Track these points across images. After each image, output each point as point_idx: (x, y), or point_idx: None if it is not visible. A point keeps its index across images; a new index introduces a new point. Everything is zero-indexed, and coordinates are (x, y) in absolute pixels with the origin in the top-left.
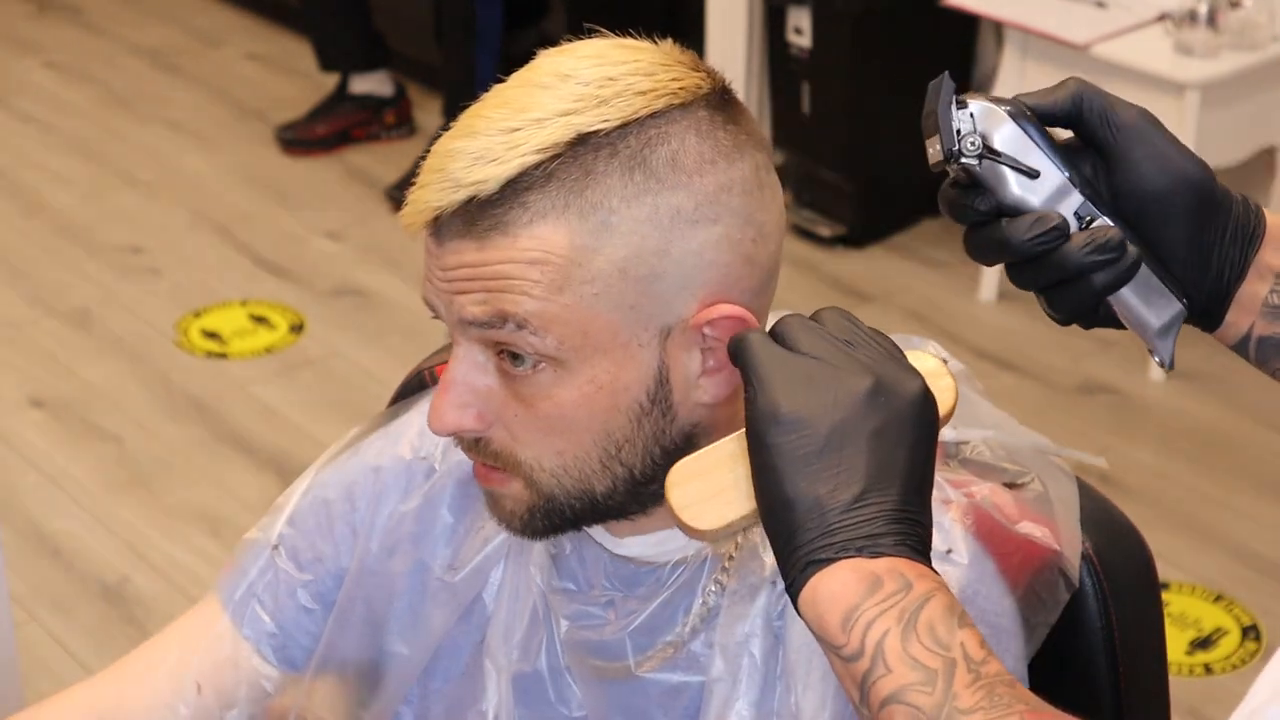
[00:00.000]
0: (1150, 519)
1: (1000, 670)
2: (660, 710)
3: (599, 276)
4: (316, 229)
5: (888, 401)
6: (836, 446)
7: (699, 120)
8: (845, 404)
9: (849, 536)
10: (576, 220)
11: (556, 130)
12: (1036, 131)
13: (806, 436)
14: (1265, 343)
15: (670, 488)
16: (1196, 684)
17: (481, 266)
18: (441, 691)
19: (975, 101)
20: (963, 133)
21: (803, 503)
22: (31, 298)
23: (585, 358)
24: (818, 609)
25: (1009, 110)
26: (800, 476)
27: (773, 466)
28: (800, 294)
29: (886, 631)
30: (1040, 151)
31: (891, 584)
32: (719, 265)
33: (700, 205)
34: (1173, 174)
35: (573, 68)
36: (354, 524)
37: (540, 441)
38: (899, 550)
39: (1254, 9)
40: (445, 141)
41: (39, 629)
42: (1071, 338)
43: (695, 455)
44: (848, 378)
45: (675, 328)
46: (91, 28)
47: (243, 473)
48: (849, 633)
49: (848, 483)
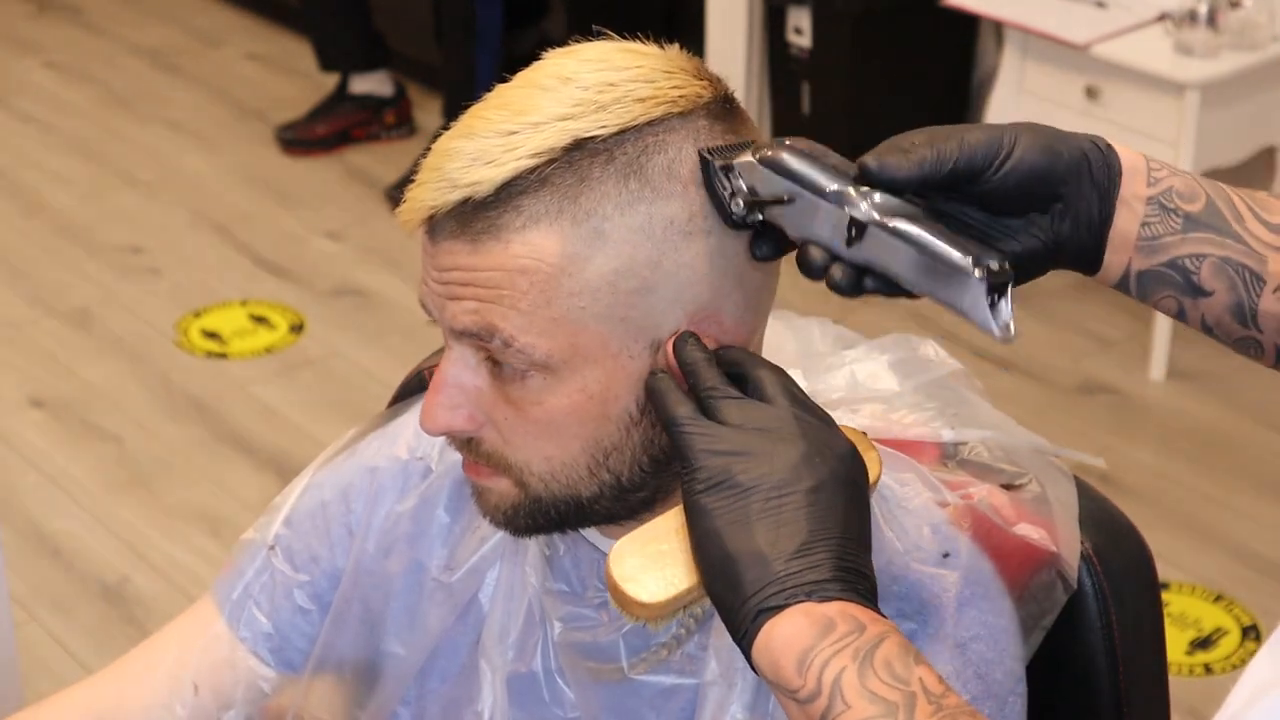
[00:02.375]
0: (1150, 519)
1: (961, 703)
2: (653, 712)
3: (588, 289)
4: (316, 229)
5: (822, 462)
6: (775, 506)
7: (698, 129)
8: (781, 468)
9: (797, 583)
10: (569, 226)
11: (553, 135)
12: (795, 161)
13: (744, 499)
14: (1144, 276)
15: (611, 563)
16: (1196, 684)
17: (474, 271)
18: (438, 691)
19: (739, 160)
20: (733, 194)
21: (746, 557)
22: (31, 298)
23: (575, 368)
24: (772, 655)
25: (761, 158)
26: (740, 533)
27: (713, 530)
28: (800, 294)
29: (843, 669)
30: (798, 180)
31: (844, 625)
32: (711, 279)
33: (694, 217)
34: (1022, 174)
35: (574, 71)
36: (350, 524)
37: (529, 445)
38: (847, 596)
39: (1254, 9)
40: (445, 141)
41: (39, 629)
42: (1071, 337)
43: (635, 532)
44: (780, 447)
45: (666, 342)
46: (91, 28)
47: (242, 473)
48: (805, 674)
49: (790, 535)
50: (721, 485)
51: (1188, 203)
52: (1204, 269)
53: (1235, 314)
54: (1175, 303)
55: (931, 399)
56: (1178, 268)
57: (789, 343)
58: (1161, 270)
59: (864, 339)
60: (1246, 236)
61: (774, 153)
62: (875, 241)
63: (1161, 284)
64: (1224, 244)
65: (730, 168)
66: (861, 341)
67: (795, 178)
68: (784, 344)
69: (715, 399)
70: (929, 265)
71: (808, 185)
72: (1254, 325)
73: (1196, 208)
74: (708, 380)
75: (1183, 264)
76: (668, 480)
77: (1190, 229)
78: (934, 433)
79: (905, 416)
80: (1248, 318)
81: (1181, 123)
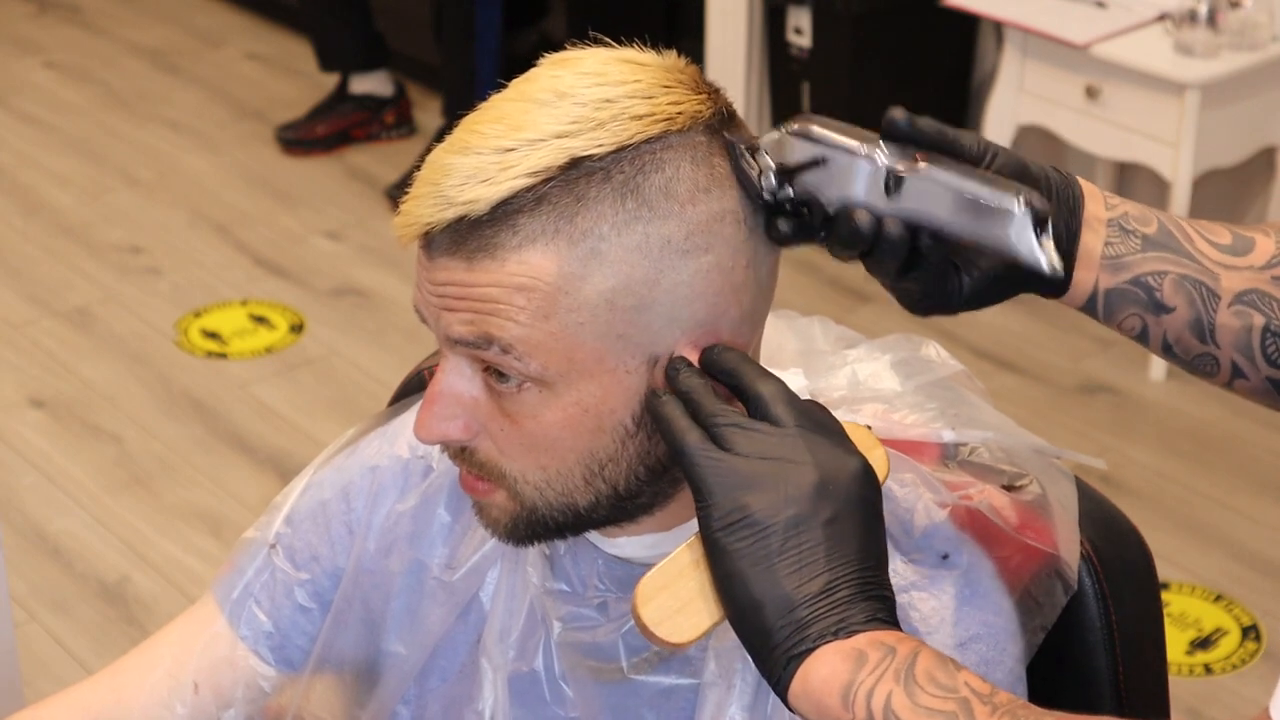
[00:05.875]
0: (1150, 519)
1: (1009, 697)
2: (652, 712)
3: (585, 305)
4: (316, 229)
5: (834, 489)
6: (795, 543)
7: (695, 146)
8: (796, 500)
9: (823, 626)
10: (566, 247)
11: (550, 153)
12: (821, 128)
13: (764, 538)
14: (1111, 294)
15: (639, 605)
16: (1196, 684)
17: (469, 287)
18: (438, 691)
19: (765, 138)
20: (761, 172)
21: (771, 602)
22: (31, 298)
23: (571, 381)
24: (813, 697)
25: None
26: (763, 577)
27: (736, 572)
28: (801, 294)
29: (890, 693)
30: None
31: (876, 653)
32: (708, 296)
33: (692, 234)
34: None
35: (571, 85)
36: (351, 523)
37: (524, 456)
38: (871, 625)
39: (1254, 9)
40: (440, 155)
41: (39, 629)
42: (1071, 337)
43: (657, 569)
44: (793, 474)
45: (663, 357)
46: (91, 28)
47: (242, 472)
48: (852, 707)
49: (811, 575)
50: (739, 524)
51: (1143, 225)
52: (1165, 285)
53: (1195, 330)
54: (1139, 320)
55: (932, 399)
56: (1142, 285)
57: (790, 342)
58: (1127, 288)
59: (865, 339)
60: (1198, 255)
61: (802, 123)
62: (914, 190)
63: (1127, 302)
64: (1180, 262)
65: (756, 148)
66: (863, 341)
67: (826, 141)
68: (785, 343)
69: (721, 426)
70: (971, 205)
71: (839, 147)
72: (1212, 340)
73: (1151, 230)
74: (709, 407)
75: (1146, 281)
76: (666, 486)
77: (1149, 248)
78: (935, 433)
79: (906, 417)
80: (1206, 333)
81: (1181, 123)
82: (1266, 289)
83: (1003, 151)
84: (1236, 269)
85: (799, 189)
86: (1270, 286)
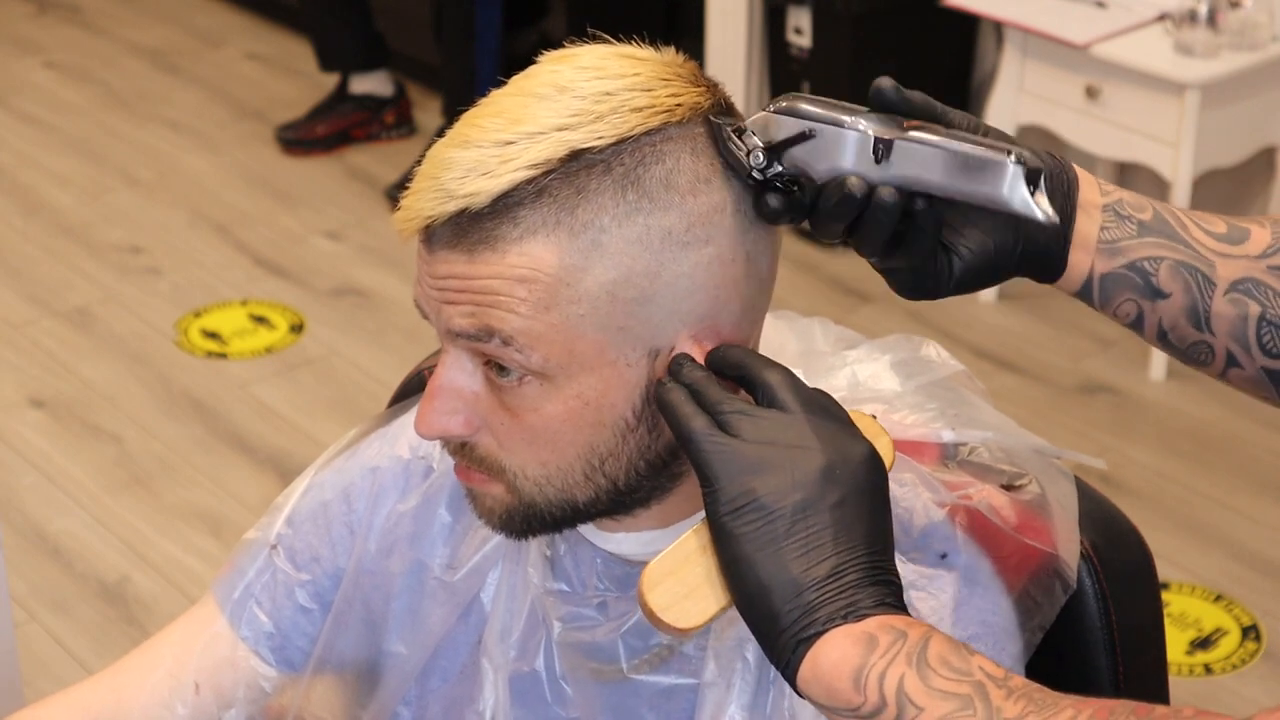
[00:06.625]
0: (1150, 519)
1: (1024, 681)
2: (652, 712)
3: (586, 297)
4: (316, 229)
5: (842, 474)
6: (802, 527)
7: (695, 138)
8: (803, 484)
9: (831, 610)
10: (567, 238)
11: (550, 146)
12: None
13: (770, 522)
14: (1107, 279)
15: (645, 591)
16: (1196, 684)
17: (470, 280)
18: (439, 691)
19: (752, 119)
20: (748, 151)
21: (779, 586)
22: (31, 298)
23: (571, 374)
24: (823, 680)
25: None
26: (771, 561)
27: (743, 557)
28: (801, 294)
29: (902, 675)
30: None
31: (886, 637)
32: (709, 288)
33: (692, 226)
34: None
35: (570, 79)
36: (351, 524)
37: (524, 451)
38: (880, 610)
39: (1254, 9)
40: (440, 149)
41: (39, 629)
42: (1071, 337)
43: (663, 555)
44: (800, 458)
45: (664, 350)
46: (91, 28)
47: (242, 472)
48: (864, 690)
49: (819, 559)
50: (746, 508)
51: (1139, 211)
52: (1161, 271)
53: (1190, 317)
54: (1135, 306)
55: (932, 399)
56: (1138, 270)
57: (791, 342)
58: (1123, 273)
59: (865, 339)
60: (1194, 243)
61: (788, 101)
62: (903, 155)
63: (1122, 287)
64: (1176, 248)
65: (741, 130)
66: (863, 341)
67: (812, 116)
68: (786, 344)
69: (727, 413)
70: (962, 164)
71: (826, 120)
72: (1207, 328)
73: (1146, 216)
74: (715, 396)
75: (1142, 266)
76: (665, 481)
77: (1144, 234)
78: (934, 433)
79: (906, 417)
80: (1201, 320)
81: (1181, 123)
82: (1262, 278)
83: (994, 130)
84: (1232, 257)
85: (788, 164)
86: (1266, 276)
